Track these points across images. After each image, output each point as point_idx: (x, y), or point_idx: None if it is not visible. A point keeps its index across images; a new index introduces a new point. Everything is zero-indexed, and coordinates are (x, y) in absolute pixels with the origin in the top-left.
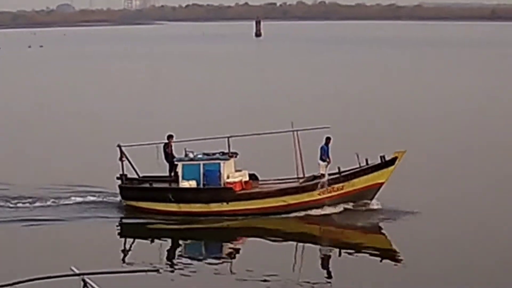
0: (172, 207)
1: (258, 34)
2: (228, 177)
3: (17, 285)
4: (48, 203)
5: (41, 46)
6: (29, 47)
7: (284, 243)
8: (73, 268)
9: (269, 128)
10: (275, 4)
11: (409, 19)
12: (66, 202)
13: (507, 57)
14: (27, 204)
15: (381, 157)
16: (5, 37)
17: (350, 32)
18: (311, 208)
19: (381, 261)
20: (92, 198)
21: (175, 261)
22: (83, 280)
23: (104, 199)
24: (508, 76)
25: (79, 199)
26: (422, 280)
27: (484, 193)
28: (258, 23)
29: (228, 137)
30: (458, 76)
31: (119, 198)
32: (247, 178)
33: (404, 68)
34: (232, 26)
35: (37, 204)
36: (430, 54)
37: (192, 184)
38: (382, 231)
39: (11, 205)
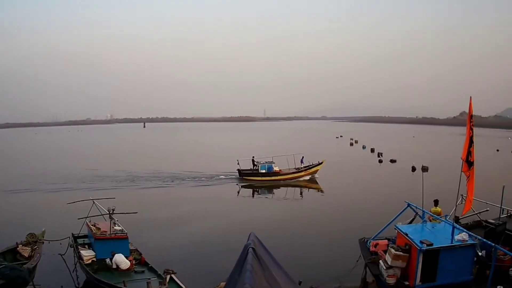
0: (257, 178)
1: (144, 126)
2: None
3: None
4: (212, 178)
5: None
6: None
7: (292, 187)
8: (91, 197)
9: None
10: (153, 117)
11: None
12: (220, 177)
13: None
14: (203, 178)
15: (318, 161)
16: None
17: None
18: (301, 177)
19: (312, 190)
20: (229, 176)
21: (255, 193)
22: (93, 202)
23: (233, 176)
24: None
25: (224, 176)
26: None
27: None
28: (144, 123)
29: (272, 157)
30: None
31: (238, 175)
32: (278, 169)
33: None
34: (136, 124)
35: (207, 178)
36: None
37: (264, 171)
38: (317, 182)
39: (195, 179)
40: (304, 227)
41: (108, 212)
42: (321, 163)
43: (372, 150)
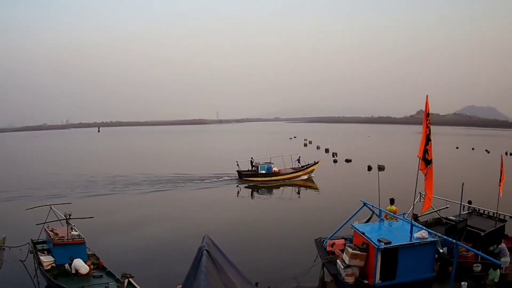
0: (258, 178)
1: (99, 131)
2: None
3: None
4: (213, 179)
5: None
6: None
7: (290, 186)
8: (48, 203)
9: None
10: (107, 121)
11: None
12: (221, 179)
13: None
14: (202, 180)
15: (314, 161)
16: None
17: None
18: (299, 177)
19: (310, 188)
20: (228, 177)
21: (254, 192)
22: (51, 207)
23: (233, 178)
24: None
25: (225, 177)
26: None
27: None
28: (99, 127)
29: (270, 157)
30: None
31: (237, 176)
32: (277, 169)
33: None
34: (92, 129)
35: (204, 180)
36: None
37: (264, 171)
38: (313, 180)
39: (197, 182)
40: (261, 229)
41: (65, 218)
42: (317, 162)
43: (327, 150)
